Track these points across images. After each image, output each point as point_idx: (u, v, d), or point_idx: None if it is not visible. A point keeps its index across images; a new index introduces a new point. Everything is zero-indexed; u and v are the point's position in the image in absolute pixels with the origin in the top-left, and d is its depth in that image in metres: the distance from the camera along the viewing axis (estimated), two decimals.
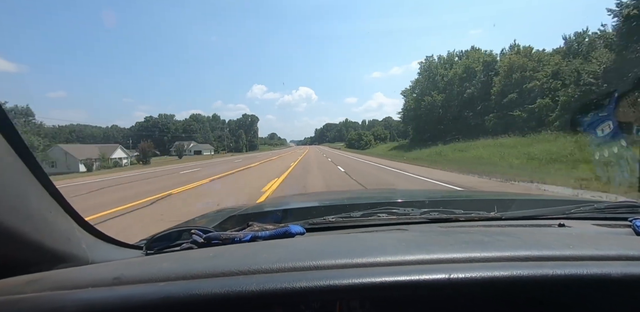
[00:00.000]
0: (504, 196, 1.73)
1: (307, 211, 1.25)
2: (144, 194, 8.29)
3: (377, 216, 1.03)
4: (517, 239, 0.63)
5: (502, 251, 0.52)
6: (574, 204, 1.11)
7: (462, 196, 2.16)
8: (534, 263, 0.48)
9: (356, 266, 0.49)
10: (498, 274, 0.45)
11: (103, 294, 0.45)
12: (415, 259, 0.50)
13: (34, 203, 0.54)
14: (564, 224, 0.89)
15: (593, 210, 1.02)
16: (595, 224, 0.93)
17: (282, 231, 0.78)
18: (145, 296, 0.43)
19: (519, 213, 1.07)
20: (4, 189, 0.49)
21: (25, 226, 0.51)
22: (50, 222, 0.57)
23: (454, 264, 0.48)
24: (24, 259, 0.54)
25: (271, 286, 0.43)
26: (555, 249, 0.52)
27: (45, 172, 0.57)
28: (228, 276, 0.47)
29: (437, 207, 1.14)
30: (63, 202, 0.61)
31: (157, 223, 4.76)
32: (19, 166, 0.52)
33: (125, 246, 0.79)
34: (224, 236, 0.76)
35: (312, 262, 0.49)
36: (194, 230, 0.79)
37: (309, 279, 0.44)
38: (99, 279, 0.49)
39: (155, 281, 0.47)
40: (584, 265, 0.47)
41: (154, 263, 0.60)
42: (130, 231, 4.49)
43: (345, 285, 0.43)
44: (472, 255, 0.50)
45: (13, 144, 0.51)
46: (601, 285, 0.45)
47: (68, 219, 0.62)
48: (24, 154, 0.53)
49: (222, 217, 1.17)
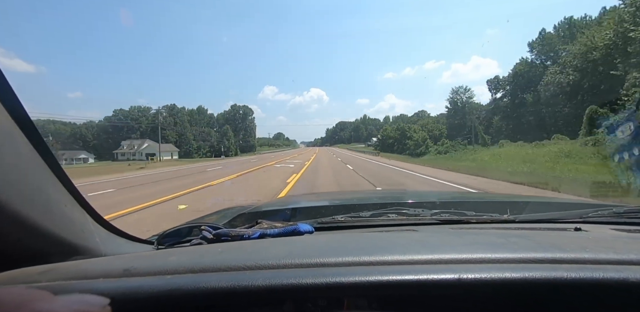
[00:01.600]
0: (517, 198, 1.69)
1: (316, 210, 1.25)
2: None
3: (386, 216, 1.02)
4: (531, 241, 0.61)
5: (516, 252, 0.51)
6: (591, 207, 1.07)
7: (474, 197, 2.13)
8: (548, 265, 0.47)
9: (364, 264, 0.48)
10: (510, 276, 0.44)
11: (113, 285, 0.46)
12: (424, 259, 0.49)
13: (52, 196, 0.56)
14: (580, 228, 0.87)
15: (611, 214, 0.98)
16: (613, 228, 0.90)
17: (290, 229, 0.79)
18: (153, 288, 0.44)
19: (533, 216, 1.04)
20: (25, 181, 0.51)
21: (43, 218, 0.52)
22: (66, 216, 0.59)
23: (465, 265, 0.48)
24: (40, 249, 0.55)
25: (277, 282, 0.43)
26: (570, 252, 0.51)
27: (62, 168, 0.59)
28: (235, 270, 0.48)
29: (448, 208, 1.12)
30: (78, 197, 0.63)
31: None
32: (38, 160, 0.54)
33: (137, 240, 0.81)
34: (233, 233, 0.76)
35: (319, 260, 0.49)
36: (204, 226, 0.81)
37: (315, 275, 0.44)
38: (109, 270, 0.51)
39: (164, 274, 0.48)
40: (601, 269, 0.45)
41: (163, 257, 0.62)
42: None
43: (352, 282, 0.43)
44: (484, 256, 0.49)
45: (32, 141, 0.53)
46: (618, 290, 0.43)
47: (83, 212, 0.64)
48: (43, 150, 0.55)
49: (232, 214, 1.18)
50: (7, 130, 0.49)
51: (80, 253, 0.61)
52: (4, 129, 0.49)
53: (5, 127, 0.49)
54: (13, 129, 0.50)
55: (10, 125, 0.50)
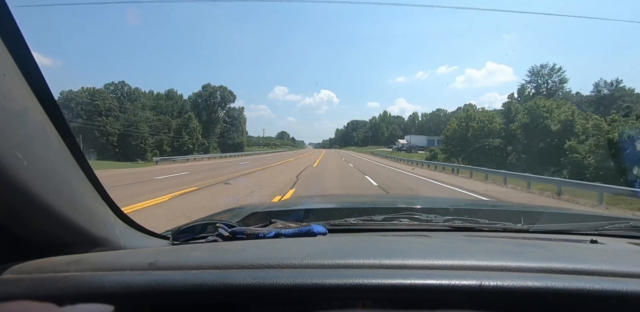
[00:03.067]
0: (531, 208, 1.67)
1: (328, 211, 1.25)
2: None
3: (399, 220, 1.01)
4: (549, 251, 0.60)
5: (536, 262, 0.50)
6: (607, 220, 1.05)
7: (487, 205, 2.10)
8: (570, 276, 0.46)
9: (385, 266, 0.49)
10: (532, 285, 0.43)
11: (140, 277, 0.47)
12: (444, 264, 0.49)
13: (77, 188, 0.58)
14: (596, 241, 0.85)
15: (629, 227, 0.96)
16: (630, 242, 0.88)
17: (305, 230, 0.79)
18: (179, 282, 0.45)
19: (547, 226, 1.03)
20: (53, 173, 0.52)
21: (69, 209, 0.54)
22: (89, 208, 0.60)
23: (485, 272, 0.47)
24: (64, 240, 0.57)
25: (300, 281, 0.44)
26: (591, 264, 0.50)
27: (88, 162, 0.61)
28: (258, 268, 0.48)
29: (461, 215, 1.11)
30: (101, 190, 0.64)
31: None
32: (66, 154, 0.56)
33: (154, 235, 0.82)
34: (249, 231, 0.77)
35: (341, 261, 0.50)
36: (219, 224, 0.82)
37: (339, 276, 0.45)
38: (135, 263, 0.52)
39: (188, 269, 0.49)
40: (623, 281, 0.45)
41: (185, 252, 0.63)
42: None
43: (374, 285, 0.43)
44: (504, 264, 0.49)
45: (62, 135, 0.55)
46: (639, 303, 0.43)
47: (104, 205, 0.65)
48: (70, 142, 0.56)
49: (245, 213, 1.19)
50: (40, 124, 0.51)
51: (101, 245, 0.62)
52: (37, 123, 0.50)
53: (38, 121, 0.51)
54: (45, 123, 0.52)
55: (43, 120, 0.52)
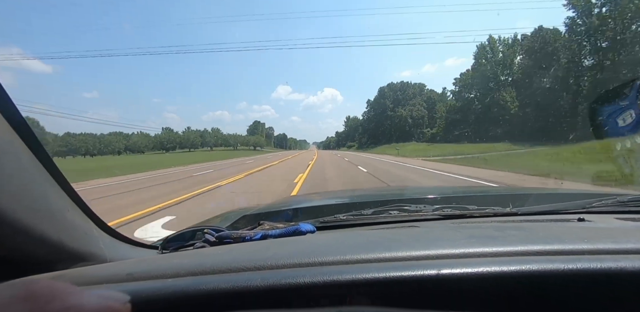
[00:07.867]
0: (519, 190, 1.70)
1: (318, 209, 1.25)
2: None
3: (388, 213, 1.02)
4: (529, 233, 0.61)
5: (513, 245, 0.51)
6: (594, 197, 1.07)
7: (476, 191, 2.13)
8: (545, 257, 0.47)
9: (361, 261, 0.49)
10: (507, 269, 0.44)
11: (115, 289, 0.46)
12: (421, 255, 0.50)
13: (53, 203, 0.57)
14: (583, 219, 0.86)
15: (615, 203, 0.98)
16: (618, 217, 0.90)
17: (292, 229, 0.79)
18: (154, 291, 0.45)
19: (535, 208, 1.04)
20: (25, 188, 0.51)
21: (46, 226, 0.53)
22: (69, 222, 0.59)
23: (461, 259, 0.48)
24: (45, 257, 0.56)
25: (274, 282, 0.44)
26: (568, 243, 0.51)
27: (62, 174, 0.59)
28: (235, 272, 0.48)
29: (449, 203, 1.12)
30: (80, 203, 0.63)
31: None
32: (39, 168, 0.55)
33: (142, 245, 0.81)
34: (235, 235, 0.77)
35: (317, 259, 0.50)
36: (207, 229, 0.81)
37: (313, 274, 0.45)
38: (113, 275, 0.51)
39: (165, 277, 0.49)
40: (599, 259, 0.45)
41: (165, 260, 0.62)
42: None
43: (348, 280, 0.44)
44: (480, 250, 0.50)
45: (32, 148, 0.53)
46: (615, 279, 0.43)
47: (86, 219, 0.64)
48: (43, 157, 0.55)
49: (234, 217, 1.19)
50: (8, 139, 0.50)
51: (85, 259, 0.61)
52: (5, 138, 0.49)
53: (6, 136, 0.49)
54: (13, 138, 0.51)
55: (11, 134, 0.50)
